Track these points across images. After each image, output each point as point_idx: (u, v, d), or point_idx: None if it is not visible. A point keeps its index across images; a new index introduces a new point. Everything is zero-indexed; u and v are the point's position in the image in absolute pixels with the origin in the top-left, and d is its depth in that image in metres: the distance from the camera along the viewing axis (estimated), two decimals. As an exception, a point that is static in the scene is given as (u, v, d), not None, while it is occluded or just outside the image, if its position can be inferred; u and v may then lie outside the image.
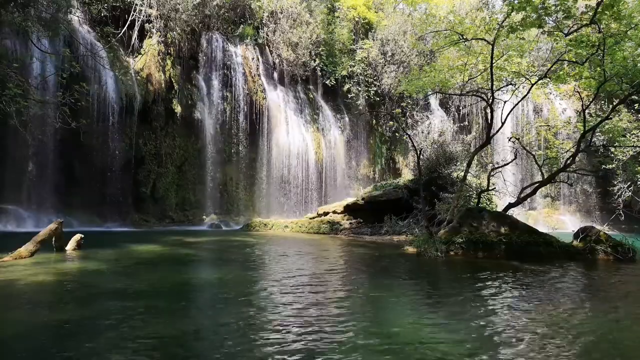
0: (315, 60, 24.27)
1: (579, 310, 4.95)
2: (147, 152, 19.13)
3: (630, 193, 20.06)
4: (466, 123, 26.97)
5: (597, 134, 15.02)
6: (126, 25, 18.93)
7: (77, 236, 9.16)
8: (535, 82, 12.28)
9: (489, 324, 4.30)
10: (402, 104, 25.36)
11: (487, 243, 9.58)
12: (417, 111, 25.58)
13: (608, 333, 4.14)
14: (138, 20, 19.25)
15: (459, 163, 16.50)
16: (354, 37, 26.39)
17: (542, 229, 12.99)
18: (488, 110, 12.83)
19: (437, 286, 6.64)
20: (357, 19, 26.45)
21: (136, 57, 19.50)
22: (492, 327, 4.21)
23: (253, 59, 22.81)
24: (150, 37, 19.78)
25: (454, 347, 3.57)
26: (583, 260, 9.18)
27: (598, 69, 10.95)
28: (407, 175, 23.36)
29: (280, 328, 3.97)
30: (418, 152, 12.37)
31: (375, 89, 25.73)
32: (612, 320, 4.58)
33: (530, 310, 4.85)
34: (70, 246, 8.92)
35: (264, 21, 23.61)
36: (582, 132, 11.80)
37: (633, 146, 16.68)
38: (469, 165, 12.59)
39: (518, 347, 3.64)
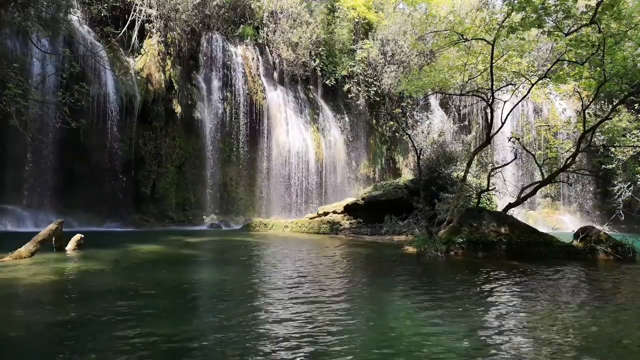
0: (315, 60, 24.27)
1: (579, 310, 4.95)
2: (147, 152, 19.12)
3: (630, 193, 20.07)
4: (466, 123, 27.00)
5: (597, 134, 15.00)
6: (126, 25, 18.93)
7: (77, 236, 9.17)
8: (535, 82, 12.28)
9: (489, 323, 4.30)
10: (402, 104, 25.37)
11: (487, 243, 9.59)
12: (417, 111, 25.61)
13: (608, 332, 4.14)
14: (138, 20, 19.26)
15: (459, 163, 16.51)
16: (354, 37, 26.38)
17: (542, 229, 12.98)
18: (488, 110, 12.84)
19: (436, 286, 6.63)
20: (357, 19, 26.43)
21: (136, 57, 19.50)
22: (492, 326, 4.21)
23: (253, 59, 22.81)
24: (150, 37, 19.78)
25: (454, 346, 3.57)
26: (583, 260, 9.19)
27: (598, 69, 10.96)
28: (407, 175, 23.36)
29: (280, 326, 3.98)
30: (418, 152, 12.37)
31: (375, 89, 25.72)
32: (613, 319, 4.58)
33: (530, 310, 4.85)
34: (70, 246, 8.93)
35: (264, 21, 23.61)
36: (582, 132, 11.80)
37: (633, 146, 16.67)
38: (469, 165, 12.61)
39: (517, 346, 3.64)
